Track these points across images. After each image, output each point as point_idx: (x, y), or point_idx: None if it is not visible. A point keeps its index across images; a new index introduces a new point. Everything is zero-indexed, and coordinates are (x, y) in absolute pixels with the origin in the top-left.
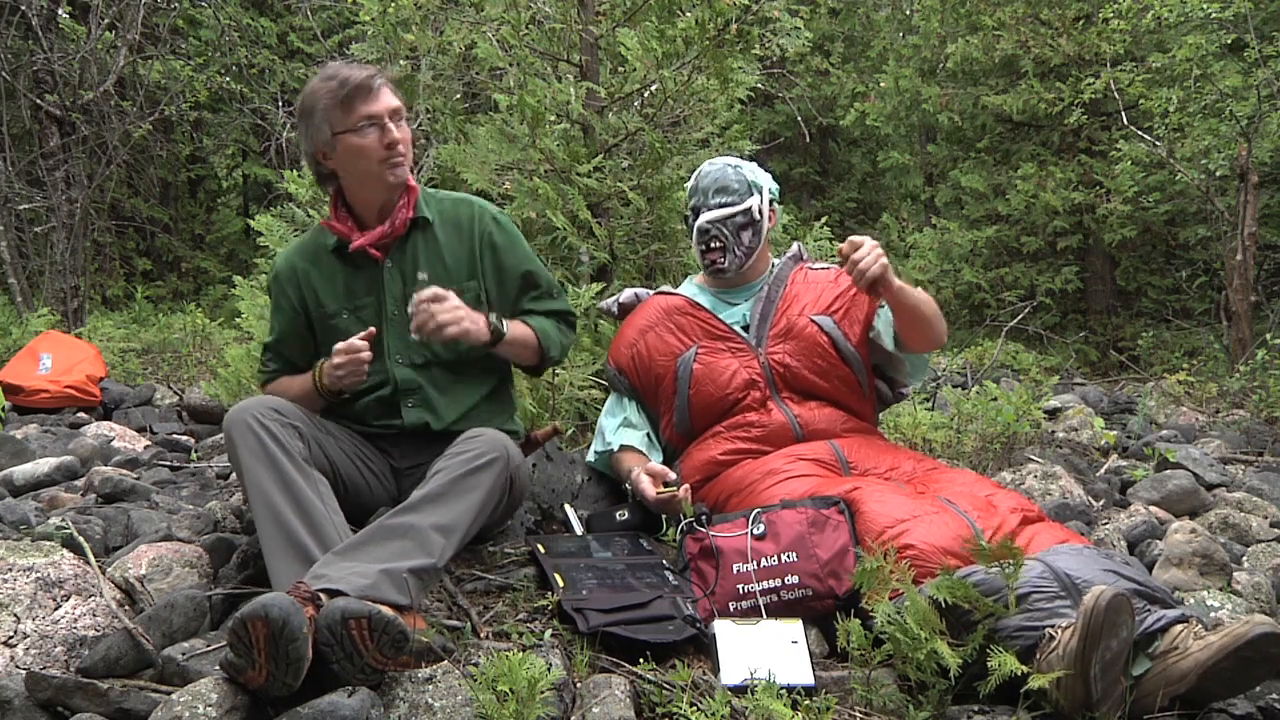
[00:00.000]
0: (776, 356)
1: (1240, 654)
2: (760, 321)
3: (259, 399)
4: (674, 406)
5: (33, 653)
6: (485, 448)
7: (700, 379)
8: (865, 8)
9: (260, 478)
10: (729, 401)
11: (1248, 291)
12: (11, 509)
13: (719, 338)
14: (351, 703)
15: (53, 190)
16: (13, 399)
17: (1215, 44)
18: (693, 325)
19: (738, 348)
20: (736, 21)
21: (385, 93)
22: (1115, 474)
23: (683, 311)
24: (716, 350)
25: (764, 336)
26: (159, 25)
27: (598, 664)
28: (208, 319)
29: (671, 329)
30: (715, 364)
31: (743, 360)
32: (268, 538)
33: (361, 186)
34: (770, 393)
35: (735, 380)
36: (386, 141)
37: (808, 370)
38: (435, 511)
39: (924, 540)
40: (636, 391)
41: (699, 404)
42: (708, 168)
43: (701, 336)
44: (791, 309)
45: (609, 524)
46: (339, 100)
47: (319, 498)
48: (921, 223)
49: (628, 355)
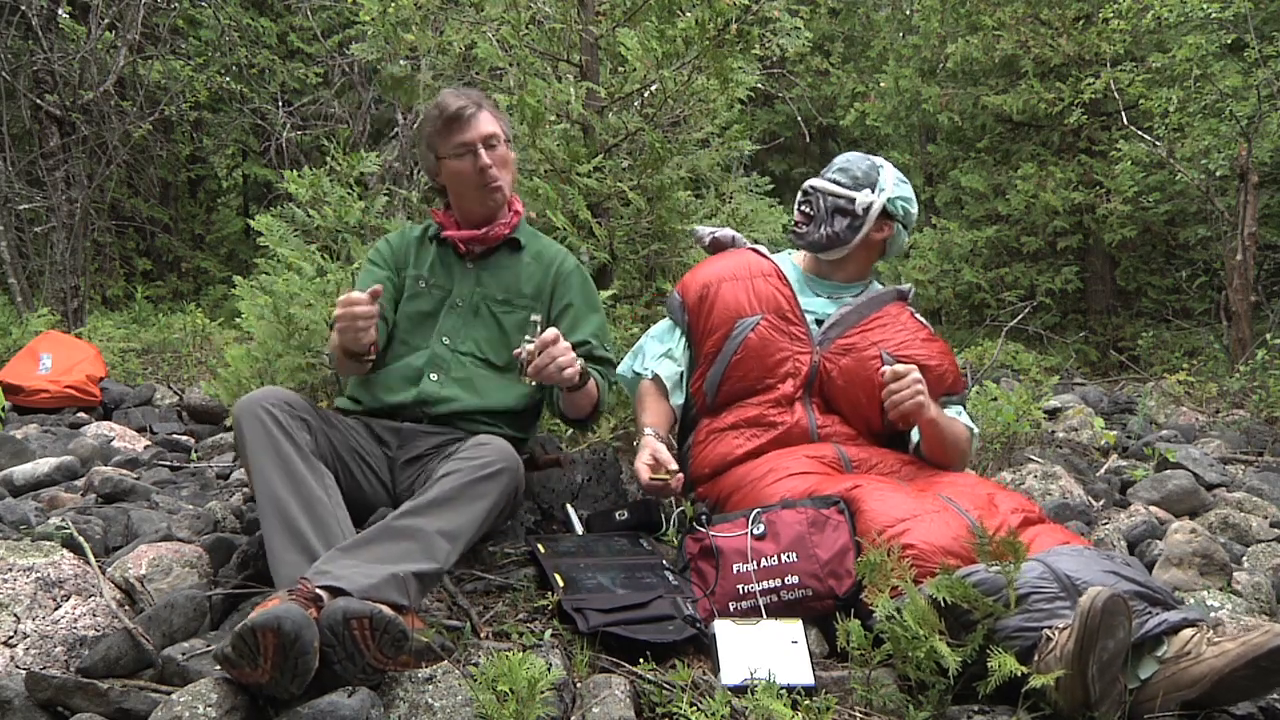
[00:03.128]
0: (829, 364)
1: (1259, 664)
2: (835, 324)
3: (269, 389)
4: (713, 362)
5: (33, 653)
6: (495, 456)
7: (750, 349)
8: (865, 8)
9: (266, 468)
10: (764, 383)
11: (1248, 291)
12: (11, 509)
13: (787, 319)
14: (351, 703)
15: (53, 190)
16: (13, 399)
17: (1215, 44)
18: (770, 295)
19: (799, 336)
20: (736, 21)
21: (478, 120)
22: (1115, 474)
23: (767, 278)
24: (778, 329)
25: (831, 340)
26: (159, 25)
27: (598, 664)
28: (208, 319)
29: (749, 289)
30: (771, 342)
31: (797, 350)
32: (271, 528)
33: (463, 200)
34: (803, 392)
35: (782, 366)
36: (478, 167)
37: (846, 395)
38: (442, 516)
39: (924, 540)
40: (691, 329)
41: (737, 372)
42: (854, 153)
43: (772, 310)
44: (870, 333)
45: (609, 524)
46: (438, 128)
47: (324, 491)
48: (921, 223)
49: (697, 294)
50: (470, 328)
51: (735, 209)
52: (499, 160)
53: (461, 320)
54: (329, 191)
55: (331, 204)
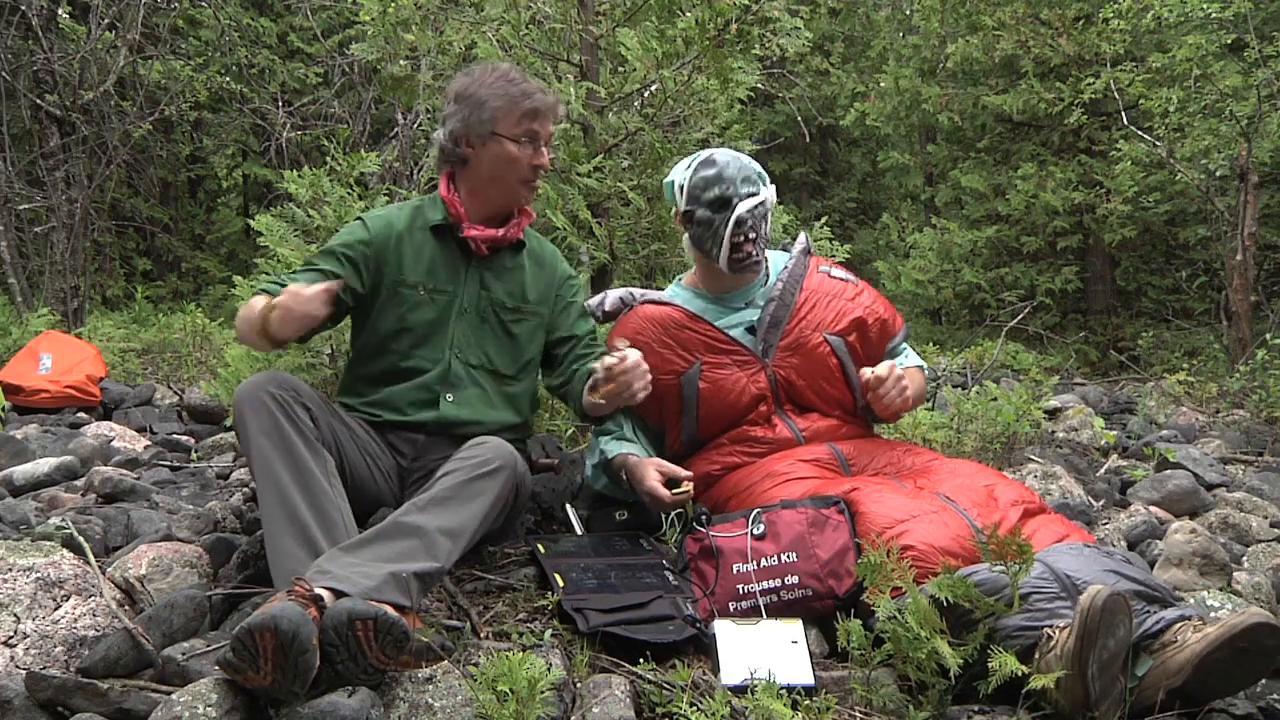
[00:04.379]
0: (783, 371)
1: (1235, 644)
2: (771, 327)
3: (272, 374)
4: (681, 423)
5: (33, 653)
6: (492, 454)
7: (709, 396)
8: (865, 8)
9: (268, 453)
10: (739, 415)
11: (1248, 291)
12: (11, 509)
13: (722, 351)
14: (351, 703)
15: (53, 190)
16: (13, 399)
17: (1215, 44)
18: (692, 339)
19: (743, 360)
20: (736, 21)
21: (554, 118)
22: (1115, 474)
23: (679, 325)
24: (721, 365)
25: (773, 345)
26: (159, 25)
27: (598, 664)
28: (208, 319)
29: (670, 344)
30: (723, 380)
31: (749, 373)
32: (270, 513)
33: (490, 186)
34: (775, 407)
35: (745, 396)
36: (536, 162)
37: (810, 390)
38: (442, 515)
39: (923, 540)
40: (638, 411)
41: (708, 419)
42: (723, 156)
43: (703, 351)
44: (806, 321)
45: (609, 524)
46: (518, 106)
47: (327, 478)
48: (921, 223)
49: None
50: (479, 336)
51: None
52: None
53: (470, 328)
54: (329, 191)
55: (331, 204)
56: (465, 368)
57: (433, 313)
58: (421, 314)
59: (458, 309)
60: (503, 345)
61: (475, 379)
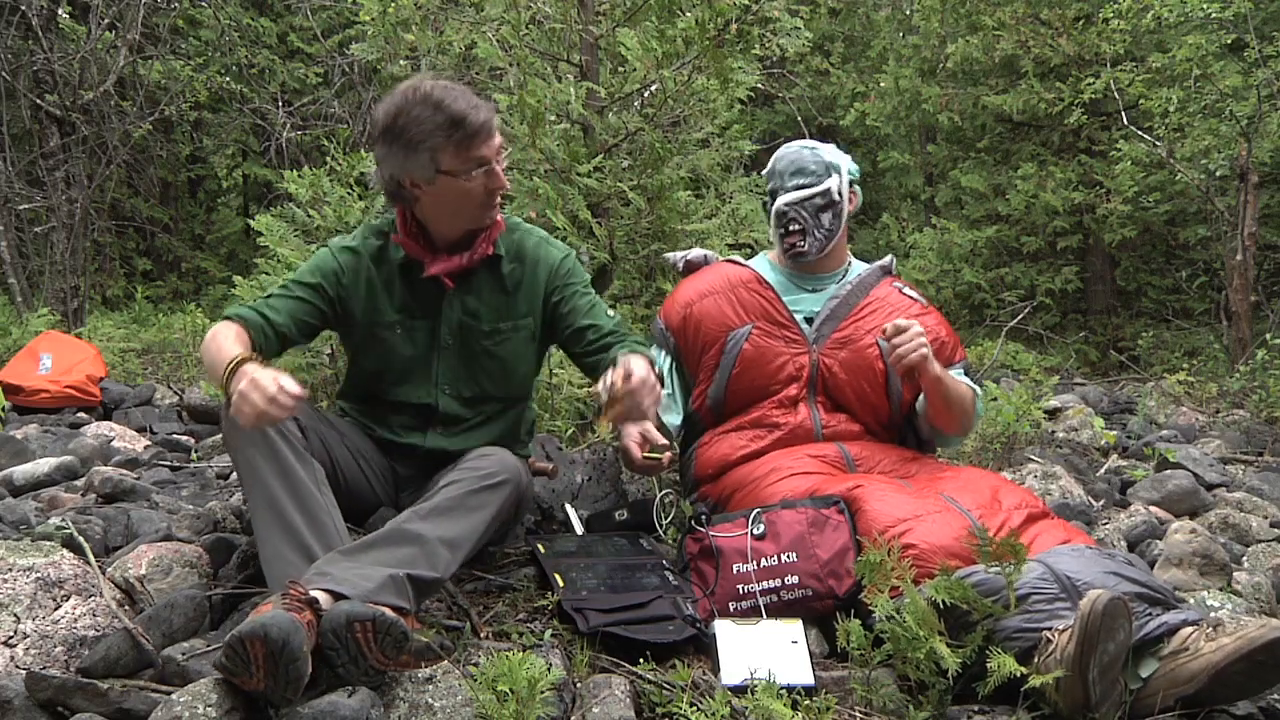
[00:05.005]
0: (827, 360)
1: (1254, 658)
2: (828, 319)
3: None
4: (713, 379)
5: (33, 653)
6: (497, 467)
7: (748, 360)
8: (865, 8)
9: (258, 463)
10: (769, 390)
11: (1248, 291)
12: (11, 509)
13: (777, 323)
14: (351, 703)
15: (53, 190)
16: (13, 399)
17: (1215, 44)
18: (755, 303)
19: (793, 338)
20: (736, 21)
21: (494, 130)
22: (1115, 474)
23: (749, 286)
24: (771, 335)
25: (825, 336)
26: (159, 25)
27: (598, 664)
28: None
29: (732, 301)
30: (768, 349)
31: (794, 353)
32: (262, 521)
33: (447, 220)
34: (807, 392)
35: (782, 371)
36: (492, 187)
37: (849, 388)
38: (444, 524)
39: (925, 540)
40: (679, 352)
41: (740, 384)
42: (784, 150)
43: (760, 317)
44: (863, 322)
45: (609, 524)
46: (453, 141)
47: (315, 484)
48: (921, 223)
49: (679, 315)
50: (468, 369)
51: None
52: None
53: (457, 360)
54: (329, 191)
55: (331, 204)
56: (453, 401)
57: (413, 348)
58: (402, 350)
59: (439, 343)
60: (491, 370)
61: (463, 412)
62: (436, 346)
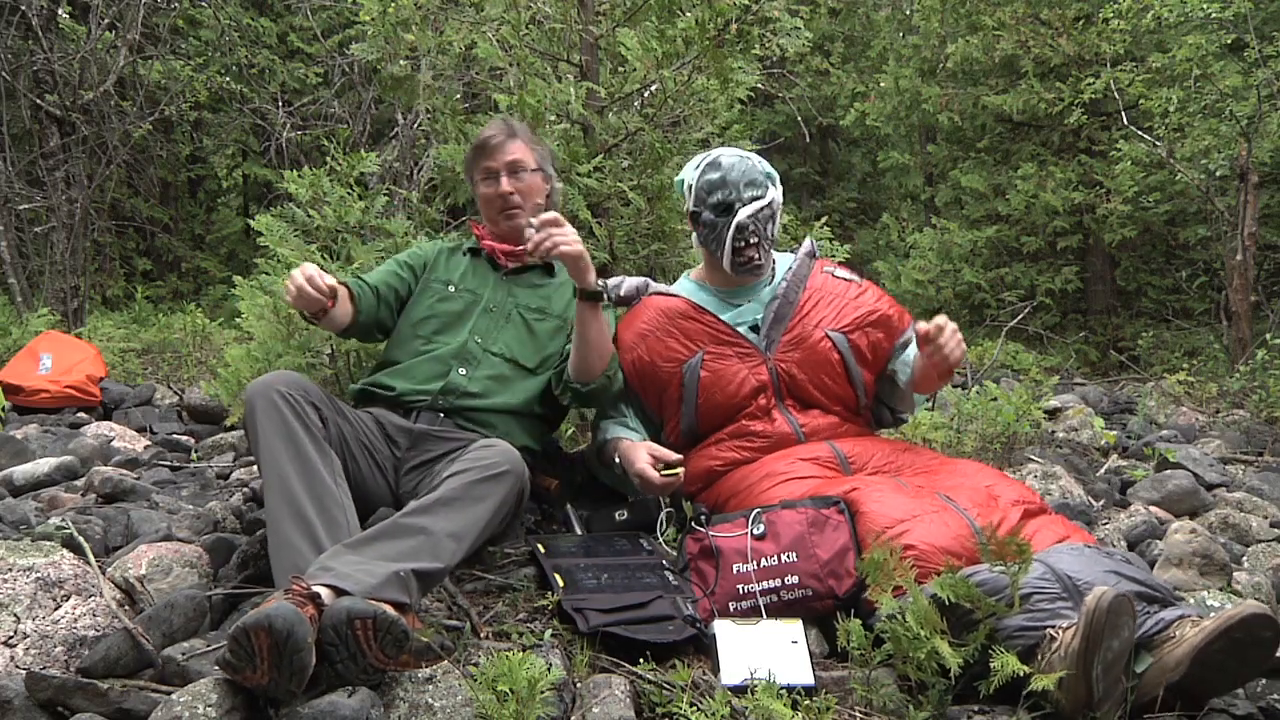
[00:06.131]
0: (784, 365)
1: (1231, 635)
2: (774, 323)
3: (284, 373)
4: (680, 412)
5: (33, 653)
6: (500, 458)
7: (709, 386)
8: (865, 8)
9: (277, 450)
10: (739, 407)
11: (1248, 291)
12: (11, 509)
13: (725, 342)
14: (351, 703)
15: (53, 190)
16: (13, 399)
17: (1215, 44)
18: (697, 330)
19: (745, 352)
20: (736, 21)
21: (507, 148)
22: (1115, 474)
23: (685, 315)
24: (723, 356)
25: (775, 340)
26: (159, 25)
27: (598, 664)
28: (208, 319)
29: (674, 333)
30: (724, 370)
31: (750, 366)
32: (275, 508)
33: (489, 219)
34: (775, 400)
35: (744, 387)
36: (498, 193)
37: (811, 384)
38: (448, 516)
39: (924, 540)
40: (640, 395)
41: (708, 409)
42: (728, 159)
43: (707, 341)
44: (808, 317)
45: (609, 524)
46: (471, 153)
47: (333, 478)
48: (921, 223)
49: (627, 360)
50: (502, 330)
51: None
52: (524, 188)
53: (493, 323)
54: (329, 191)
55: (331, 204)
56: (483, 351)
57: (458, 305)
58: (448, 305)
59: (483, 306)
60: (524, 339)
61: (490, 361)
62: (481, 309)
